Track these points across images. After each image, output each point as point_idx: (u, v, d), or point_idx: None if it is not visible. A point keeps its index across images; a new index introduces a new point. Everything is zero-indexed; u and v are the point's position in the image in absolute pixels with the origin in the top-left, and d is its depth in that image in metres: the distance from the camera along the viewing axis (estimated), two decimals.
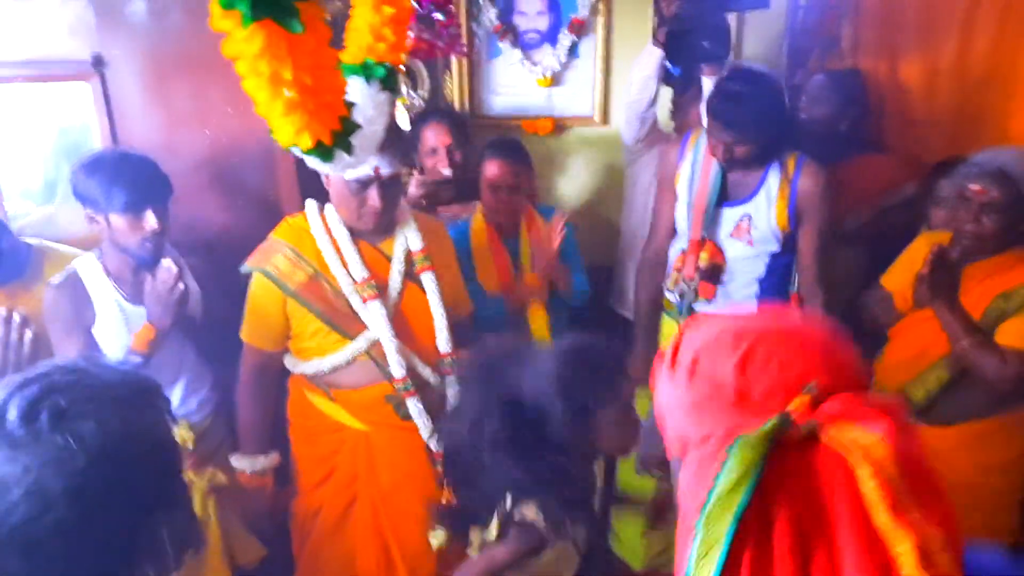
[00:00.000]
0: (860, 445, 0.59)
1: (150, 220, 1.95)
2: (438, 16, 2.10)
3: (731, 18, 2.81)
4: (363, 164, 1.82)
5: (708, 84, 2.51)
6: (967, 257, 2.12)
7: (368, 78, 1.58)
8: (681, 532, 0.66)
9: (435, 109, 2.82)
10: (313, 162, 1.62)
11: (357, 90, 1.56)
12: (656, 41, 2.62)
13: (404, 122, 2.30)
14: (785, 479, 0.61)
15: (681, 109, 2.91)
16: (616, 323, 2.97)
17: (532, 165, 2.64)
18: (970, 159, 2.13)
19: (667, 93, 2.87)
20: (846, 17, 3.11)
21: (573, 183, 3.17)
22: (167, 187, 2.02)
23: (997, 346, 2.03)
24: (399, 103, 2.50)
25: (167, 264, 1.96)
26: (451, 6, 2.21)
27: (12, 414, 0.89)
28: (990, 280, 2.10)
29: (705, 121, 2.34)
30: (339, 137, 1.36)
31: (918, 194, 2.67)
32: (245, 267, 2.05)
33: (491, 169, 2.53)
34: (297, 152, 1.42)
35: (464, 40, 2.74)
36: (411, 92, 2.89)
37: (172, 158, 2.26)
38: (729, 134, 2.24)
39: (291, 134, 1.26)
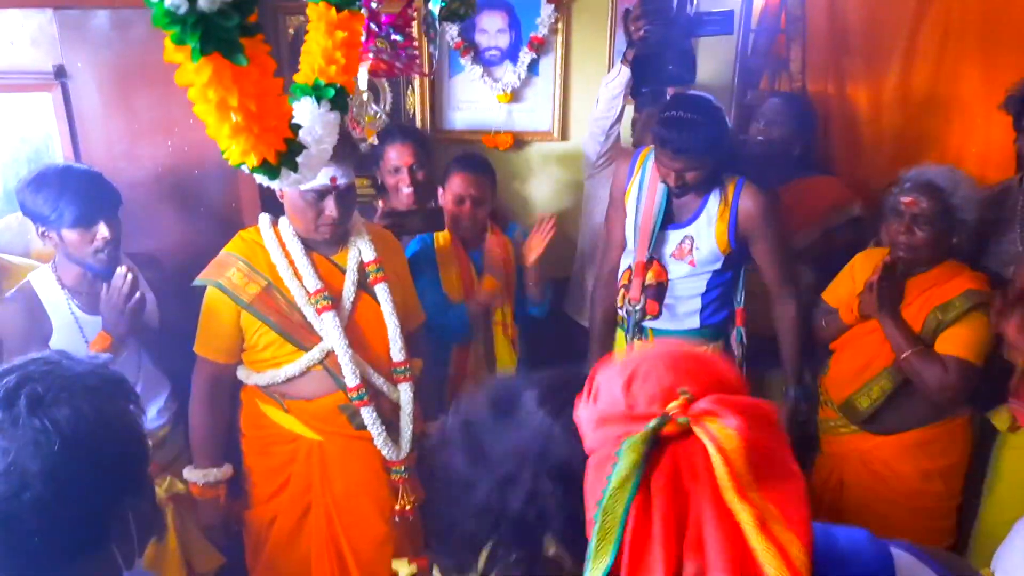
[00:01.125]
0: (715, 437, 0.72)
1: (102, 231, 1.97)
2: (396, 37, 2.14)
3: None
4: (318, 176, 1.85)
5: None
6: (906, 269, 2.23)
7: (318, 99, 1.64)
8: (587, 525, 0.77)
9: (398, 127, 2.84)
10: (262, 178, 1.67)
11: (307, 110, 1.62)
12: (625, 61, 2.65)
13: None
14: (663, 467, 0.73)
15: (640, 124, 2.97)
16: (573, 331, 3.03)
17: (495, 179, 2.70)
18: (901, 176, 2.24)
19: (629, 110, 2.94)
20: (795, 41, 3.20)
21: (532, 197, 3.21)
22: (116, 197, 2.03)
23: (938, 356, 2.15)
24: (367, 121, 2.53)
25: (122, 271, 1.99)
26: (410, 28, 2.24)
27: None
28: (927, 293, 2.21)
29: (654, 151, 2.37)
30: (284, 157, 1.42)
31: (865, 214, 2.77)
32: (198, 280, 2.06)
33: (457, 181, 2.57)
34: (245, 169, 1.49)
35: (422, 61, 2.78)
36: (373, 106, 2.92)
37: (134, 168, 2.29)
38: (679, 161, 2.24)
39: (238, 154, 1.33)
